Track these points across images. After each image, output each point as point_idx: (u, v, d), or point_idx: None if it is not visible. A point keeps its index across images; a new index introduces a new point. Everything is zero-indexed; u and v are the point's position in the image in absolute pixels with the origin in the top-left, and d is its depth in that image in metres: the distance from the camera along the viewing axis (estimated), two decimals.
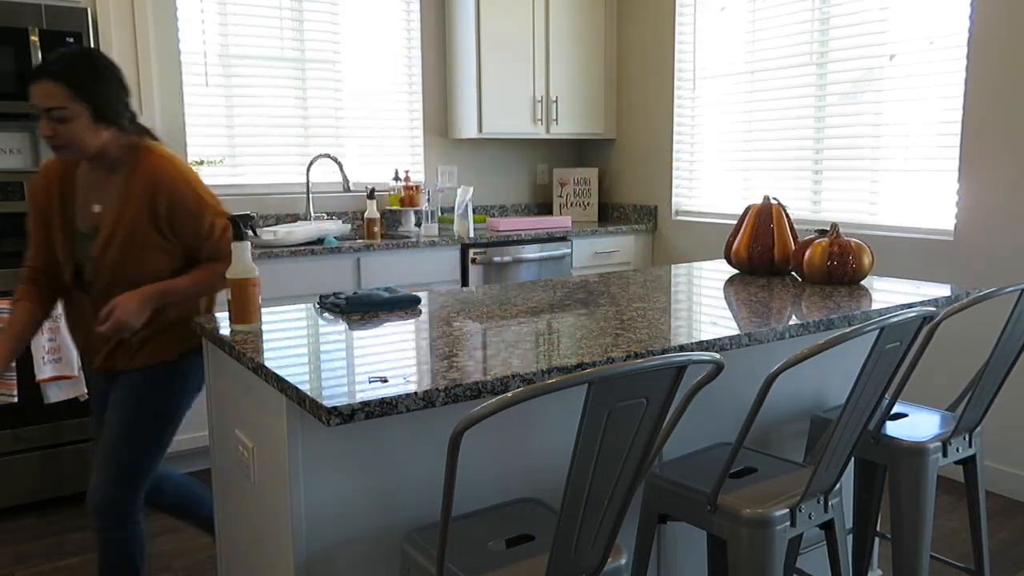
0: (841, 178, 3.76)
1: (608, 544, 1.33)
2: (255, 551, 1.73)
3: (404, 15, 4.52)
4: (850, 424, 1.59)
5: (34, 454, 3.17)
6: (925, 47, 3.38)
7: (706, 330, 1.79)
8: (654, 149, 4.70)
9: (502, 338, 1.72)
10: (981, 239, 3.22)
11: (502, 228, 4.21)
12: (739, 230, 2.63)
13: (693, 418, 2.03)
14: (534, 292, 2.30)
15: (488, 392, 1.41)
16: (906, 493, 1.92)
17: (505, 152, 4.96)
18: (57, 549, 2.88)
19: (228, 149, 4.08)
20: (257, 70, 4.10)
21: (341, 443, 1.50)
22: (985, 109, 3.16)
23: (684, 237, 4.55)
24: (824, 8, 3.76)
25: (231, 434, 1.81)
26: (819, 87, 3.82)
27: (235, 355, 1.65)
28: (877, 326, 1.43)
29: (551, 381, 1.08)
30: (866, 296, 2.21)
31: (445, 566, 1.33)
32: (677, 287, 2.38)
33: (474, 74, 4.39)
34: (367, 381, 1.39)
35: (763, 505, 1.57)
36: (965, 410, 1.95)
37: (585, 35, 4.71)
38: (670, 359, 1.19)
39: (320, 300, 2.09)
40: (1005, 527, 2.97)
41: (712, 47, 4.36)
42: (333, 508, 1.51)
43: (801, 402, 2.26)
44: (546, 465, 1.76)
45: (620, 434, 1.21)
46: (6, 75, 3.18)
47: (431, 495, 1.61)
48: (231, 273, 1.78)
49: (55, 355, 3.06)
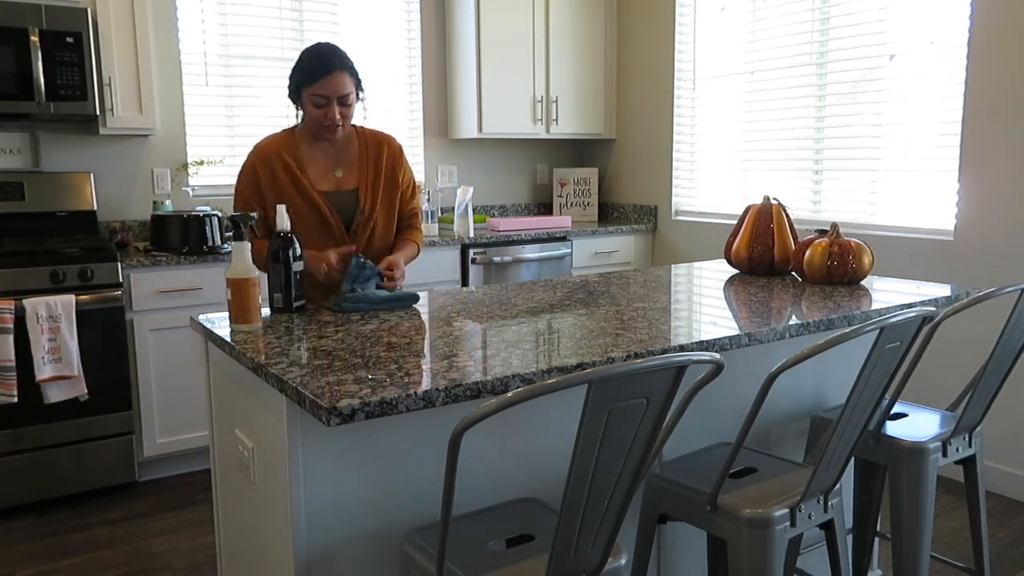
0: (841, 178, 3.76)
1: (608, 544, 1.33)
2: (255, 551, 1.73)
3: (404, 15, 4.52)
4: (850, 424, 1.59)
5: (34, 454, 3.17)
6: (925, 47, 3.38)
7: (706, 330, 1.79)
8: (654, 149, 4.70)
9: (502, 338, 1.72)
10: (981, 239, 3.22)
11: (502, 228, 4.21)
12: (739, 230, 2.63)
13: (693, 418, 2.03)
14: (534, 292, 2.30)
15: (488, 392, 1.41)
16: (906, 493, 1.92)
17: (505, 152, 4.95)
18: (57, 549, 2.88)
19: (228, 149, 4.08)
20: (257, 70, 4.10)
21: (341, 443, 1.50)
22: (985, 109, 3.16)
23: (684, 237, 4.55)
24: (824, 8, 3.76)
25: (231, 434, 1.81)
26: (819, 87, 3.82)
27: (235, 355, 1.65)
28: (877, 326, 1.43)
29: (551, 381, 1.08)
30: (866, 296, 2.21)
31: (445, 566, 1.33)
32: (677, 287, 2.38)
33: (474, 74, 4.39)
34: (368, 380, 1.39)
35: (763, 505, 1.57)
36: (965, 410, 1.95)
37: (585, 35, 4.71)
38: (670, 359, 1.19)
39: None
40: (1005, 527, 2.97)
41: (712, 47, 4.36)
42: (333, 508, 1.51)
43: (801, 402, 2.26)
44: (546, 465, 1.76)
45: (620, 434, 1.21)
46: (6, 75, 3.18)
47: (431, 495, 1.61)
48: (231, 273, 1.78)
49: (55, 355, 3.06)
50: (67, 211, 3.61)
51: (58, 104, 3.28)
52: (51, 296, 3.07)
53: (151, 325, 3.37)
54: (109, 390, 3.27)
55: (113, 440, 3.30)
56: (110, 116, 3.47)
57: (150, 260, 3.33)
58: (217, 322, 1.89)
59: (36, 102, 3.24)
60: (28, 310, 3.01)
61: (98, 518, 3.13)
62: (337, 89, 2.20)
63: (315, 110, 2.23)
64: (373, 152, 2.39)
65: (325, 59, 2.19)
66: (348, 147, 2.39)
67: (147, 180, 3.89)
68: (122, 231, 3.84)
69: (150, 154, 3.89)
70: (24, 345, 3.02)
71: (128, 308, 3.32)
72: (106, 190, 3.80)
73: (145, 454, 3.42)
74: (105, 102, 3.45)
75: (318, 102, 2.21)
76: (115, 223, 3.81)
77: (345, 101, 2.23)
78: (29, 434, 3.15)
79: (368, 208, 2.36)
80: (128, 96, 3.51)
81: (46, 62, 3.24)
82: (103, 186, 3.79)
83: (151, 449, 3.42)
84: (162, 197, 3.91)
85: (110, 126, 3.49)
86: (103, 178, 3.79)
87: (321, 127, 2.25)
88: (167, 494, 3.35)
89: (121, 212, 3.85)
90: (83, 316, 3.15)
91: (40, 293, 3.10)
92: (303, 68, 2.22)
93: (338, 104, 2.22)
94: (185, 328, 3.44)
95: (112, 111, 3.47)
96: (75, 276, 3.17)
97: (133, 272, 3.30)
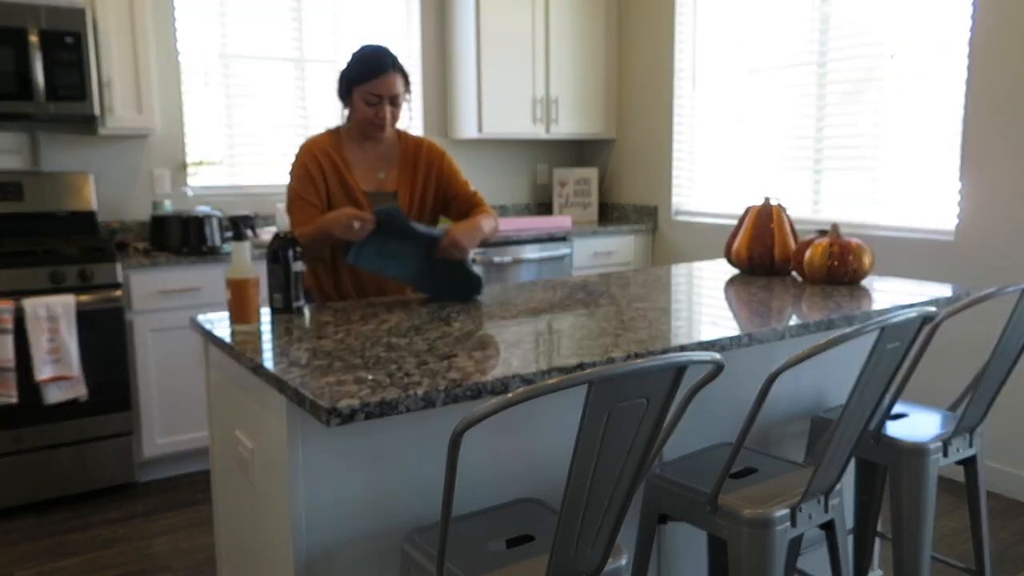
0: (841, 178, 3.76)
1: (608, 544, 1.33)
2: (255, 551, 1.72)
3: (404, 15, 4.52)
4: (850, 424, 1.59)
5: (34, 454, 3.17)
6: (925, 47, 3.38)
7: (706, 330, 1.79)
8: (654, 149, 4.69)
9: (502, 338, 1.72)
10: (982, 239, 3.22)
11: (502, 228, 4.21)
12: (739, 230, 2.63)
13: (693, 418, 2.02)
14: (534, 292, 2.30)
15: (488, 392, 1.41)
16: (906, 493, 1.92)
17: (505, 152, 4.95)
18: (57, 549, 2.88)
19: (228, 149, 4.08)
20: (257, 70, 4.10)
21: (341, 443, 1.49)
22: (986, 109, 3.16)
23: (684, 237, 4.55)
24: (824, 8, 3.76)
25: (231, 434, 1.81)
26: (819, 87, 3.82)
27: (235, 355, 1.65)
28: (877, 326, 1.43)
29: (551, 381, 1.08)
30: (866, 296, 2.21)
31: (445, 566, 1.33)
32: (677, 287, 2.38)
33: (474, 74, 4.38)
34: (368, 380, 1.39)
35: (763, 505, 1.56)
36: (966, 410, 1.95)
37: (585, 35, 4.71)
38: (670, 359, 1.18)
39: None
40: (1005, 527, 2.97)
41: (712, 47, 4.35)
42: (333, 508, 1.50)
43: (801, 402, 2.26)
44: (546, 465, 1.76)
45: (620, 434, 1.21)
46: (5, 75, 3.18)
47: (431, 495, 1.61)
48: (231, 273, 1.78)
49: (55, 355, 3.06)
50: (67, 211, 3.60)
51: (57, 104, 3.28)
52: (51, 297, 3.07)
53: (151, 325, 3.37)
54: (109, 390, 3.27)
55: (113, 440, 3.30)
56: (109, 116, 3.47)
57: (150, 260, 3.33)
58: (217, 322, 1.88)
59: (35, 102, 3.24)
60: (28, 311, 3.01)
61: (98, 518, 3.13)
62: (390, 88, 2.27)
63: (366, 108, 2.29)
64: (412, 155, 2.45)
65: (380, 58, 2.27)
66: (392, 149, 2.45)
67: (147, 180, 3.89)
68: (122, 231, 3.84)
69: (150, 154, 3.88)
70: (24, 345, 3.02)
71: (128, 308, 3.32)
72: (106, 190, 3.80)
73: (145, 454, 3.41)
74: (104, 102, 3.45)
75: (371, 100, 2.27)
76: (115, 223, 3.81)
77: (396, 101, 2.30)
78: (29, 434, 3.15)
79: (407, 209, 2.41)
80: (127, 96, 3.51)
81: (45, 62, 3.24)
82: (103, 186, 3.79)
83: (151, 449, 3.42)
84: (162, 197, 3.90)
85: (110, 126, 3.49)
86: (103, 178, 3.79)
87: (370, 125, 2.31)
88: (167, 494, 3.35)
89: (121, 212, 3.85)
90: (83, 316, 3.15)
91: (40, 294, 3.10)
92: (356, 66, 2.28)
93: (389, 104, 2.29)
94: (185, 328, 3.44)
95: (111, 111, 3.47)
96: (75, 276, 3.17)
97: (133, 272, 3.30)
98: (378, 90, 2.26)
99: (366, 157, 2.40)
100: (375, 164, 2.41)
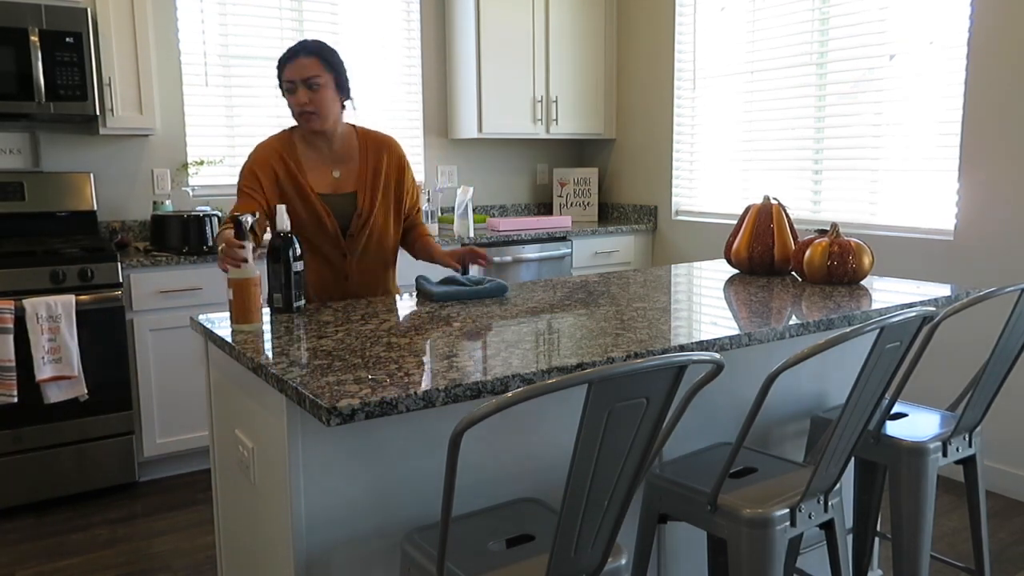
0: (841, 178, 3.76)
1: (608, 544, 1.33)
2: (255, 551, 1.73)
3: (404, 15, 4.52)
4: (850, 424, 1.59)
5: (34, 454, 3.17)
6: (925, 47, 3.38)
7: (706, 330, 1.79)
8: (654, 149, 4.70)
9: (502, 338, 1.72)
10: (981, 239, 3.22)
11: (502, 228, 4.21)
12: (739, 230, 2.63)
13: (693, 418, 2.03)
14: (534, 292, 2.30)
15: (488, 392, 1.41)
16: (906, 493, 1.92)
17: (505, 152, 4.96)
18: (57, 549, 2.88)
19: (228, 149, 4.08)
20: (257, 70, 4.10)
21: (341, 443, 1.50)
22: (985, 109, 3.16)
23: (684, 237, 4.55)
24: (824, 8, 3.76)
25: (231, 434, 1.81)
26: (819, 87, 3.82)
27: (235, 355, 1.65)
28: (877, 326, 1.43)
29: (551, 381, 1.08)
30: (866, 296, 2.21)
31: (445, 566, 1.33)
32: (677, 287, 2.38)
33: (474, 74, 4.39)
34: (368, 380, 1.39)
35: (763, 505, 1.57)
36: (965, 410, 1.95)
37: (585, 35, 4.71)
38: (670, 359, 1.19)
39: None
40: (1005, 527, 2.97)
41: (712, 47, 4.36)
42: (333, 508, 1.51)
43: (801, 402, 2.26)
44: (546, 465, 1.76)
45: (620, 434, 1.21)
46: (6, 75, 3.18)
47: (431, 495, 1.61)
48: (232, 273, 1.78)
49: (55, 355, 3.06)
50: (67, 211, 3.61)
51: (58, 104, 3.28)
52: (51, 296, 3.07)
53: (151, 325, 3.37)
54: (109, 390, 3.27)
55: (113, 440, 3.31)
56: (110, 116, 3.47)
57: (150, 260, 3.33)
58: (217, 322, 1.89)
59: (36, 102, 3.24)
60: (28, 310, 3.01)
61: (98, 518, 3.13)
62: (301, 72, 2.20)
63: (288, 97, 2.26)
64: (374, 155, 2.39)
65: (293, 47, 2.23)
66: (346, 147, 2.38)
67: (147, 180, 3.89)
68: (122, 231, 3.84)
69: (150, 154, 3.89)
70: (24, 345, 3.02)
71: (128, 308, 3.32)
72: (106, 190, 3.80)
73: (145, 454, 3.42)
74: (105, 102, 3.45)
75: (288, 87, 2.24)
76: (115, 223, 3.81)
77: (311, 84, 2.21)
78: (29, 434, 3.15)
79: (366, 211, 2.36)
80: (128, 96, 3.51)
81: (46, 62, 3.24)
82: (103, 186, 3.79)
83: (151, 449, 3.42)
84: (162, 197, 3.91)
85: (110, 126, 3.49)
86: (103, 178, 3.79)
87: (300, 116, 2.25)
88: (167, 494, 3.35)
89: (121, 212, 3.85)
90: (83, 316, 3.15)
91: (40, 293, 3.10)
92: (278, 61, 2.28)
93: (306, 88, 2.21)
94: (185, 328, 3.44)
95: (112, 111, 3.47)
96: (75, 276, 3.17)
97: (133, 272, 3.31)
98: (290, 75, 2.22)
99: (319, 156, 2.34)
100: (328, 163, 2.35)
